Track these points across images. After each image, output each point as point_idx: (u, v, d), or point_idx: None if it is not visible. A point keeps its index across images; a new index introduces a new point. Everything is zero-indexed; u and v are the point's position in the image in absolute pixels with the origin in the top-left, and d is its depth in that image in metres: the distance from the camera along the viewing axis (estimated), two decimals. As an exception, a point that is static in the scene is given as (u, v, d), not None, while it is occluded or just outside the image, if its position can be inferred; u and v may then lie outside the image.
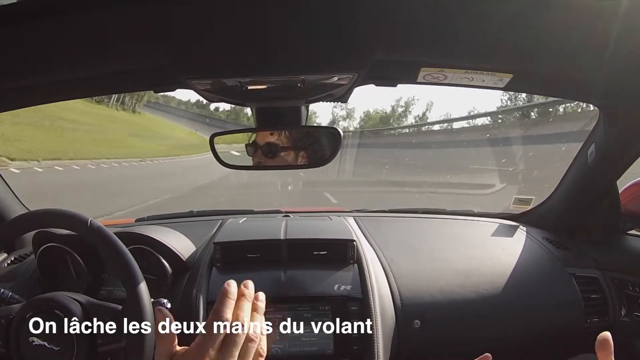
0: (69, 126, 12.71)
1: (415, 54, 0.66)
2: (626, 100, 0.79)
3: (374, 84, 0.76)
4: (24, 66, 0.63)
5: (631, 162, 0.91)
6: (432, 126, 14.40)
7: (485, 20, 0.55)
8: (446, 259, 1.03)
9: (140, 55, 0.63)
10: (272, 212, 1.35)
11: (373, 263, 0.97)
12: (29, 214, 0.80)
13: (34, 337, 0.63)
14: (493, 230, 1.18)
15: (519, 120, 12.13)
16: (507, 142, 10.73)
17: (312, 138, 0.84)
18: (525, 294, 0.97)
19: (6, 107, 0.84)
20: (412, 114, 28.39)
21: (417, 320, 0.90)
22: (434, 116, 30.07)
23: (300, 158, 0.84)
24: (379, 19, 0.54)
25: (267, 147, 0.83)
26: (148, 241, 0.93)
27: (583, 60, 0.64)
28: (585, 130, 0.99)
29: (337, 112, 28.66)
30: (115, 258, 0.66)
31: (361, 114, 28.19)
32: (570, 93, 0.87)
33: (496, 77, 0.71)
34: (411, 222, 1.27)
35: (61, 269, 0.95)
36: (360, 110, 29.03)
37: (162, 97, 25.90)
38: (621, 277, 0.98)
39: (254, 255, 0.96)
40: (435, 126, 14.20)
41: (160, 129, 20.99)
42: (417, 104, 40.08)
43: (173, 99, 33.55)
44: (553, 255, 1.06)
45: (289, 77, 0.66)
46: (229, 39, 0.56)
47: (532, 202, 1.31)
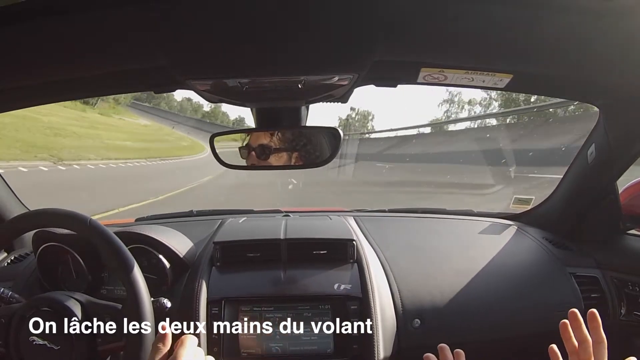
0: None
1: (415, 54, 0.66)
2: (626, 101, 0.79)
3: (374, 85, 0.76)
4: (24, 66, 0.63)
5: (631, 162, 0.91)
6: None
7: (486, 20, 0.55)
8: (446, 259, 1.03)
9: (140, 55, 0.63)
10: (272, 212, 1.35)
11: (373, 263, 0.97)
12: (28, 213, 0.80)
13: (34, 337, 0.64)
14: (493, 230, 1.18)
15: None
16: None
17: (305, 139, 0.83)
18: (525, 294, 0.97)
19: (6, 107, 0.84)
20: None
21: (417, 319, 0.90)
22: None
23: (294, 159, 0.84)
24: (379, 20, 0.54)
25: (260, 149, 0.83)
26: (148, 241, 0.93)
27: (583, 60, 0.64)
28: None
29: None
30: (115, 257, 0.66)
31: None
32: (570, 93, 0.87)
33: (496, 78, 0.71)
34: (411, 222, 1.27)
35: (61, 268, 0.95)
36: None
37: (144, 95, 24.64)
38: (621, 276, 0.98)
39: (253, 255, 0.96)
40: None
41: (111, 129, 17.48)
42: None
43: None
44: (553, 255, 1.06)
45: (288, 77, 0.66)
46: (229, 39, 0.56)
47: (532, 202, 1.31)
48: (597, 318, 0.56)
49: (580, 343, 0.56)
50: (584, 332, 0.56)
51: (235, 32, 0.54)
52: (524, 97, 12.57)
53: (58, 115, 13.95)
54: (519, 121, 11.87)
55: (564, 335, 0.58)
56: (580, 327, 0.57)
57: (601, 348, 0.55)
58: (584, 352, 0.56)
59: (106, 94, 0.92)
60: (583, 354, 0.56)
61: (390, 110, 48.46)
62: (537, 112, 10.88)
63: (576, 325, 0.57)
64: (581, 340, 0.56)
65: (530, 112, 11.31)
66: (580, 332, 0.57)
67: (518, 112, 12.09)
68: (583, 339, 0.56)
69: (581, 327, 0.57)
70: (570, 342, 0.58)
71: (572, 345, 0.57)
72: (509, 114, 12.19)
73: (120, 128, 18.43)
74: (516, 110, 12.27)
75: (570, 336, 0.58)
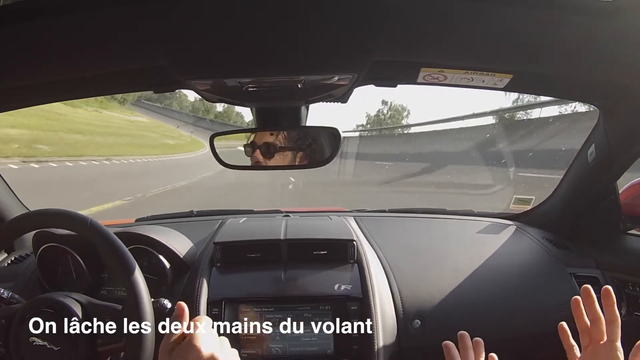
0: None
1: (415, 54, 0.66)
2: (626, 101, 0.79)
3: (374, 85, 0.76)
4: (24, 66, 0.63)
5: (631, 162, 0.91)
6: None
7: (485, 20, 0.55)
8: (446, 259, 1.03)
9: (140, 55, 0.63)
10: (272, 212, 1.35)
11: (373, 263, 0.97)
12: (28, 214, 0.80)
13: (34, 337, 0.63)
14: (493, 230, 1.18)
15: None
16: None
17: (310, 138, 0.83)
18: (526, 294, 0.97)
19: (6, 107, 0.84)
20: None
21: (417, 320, 0.90)
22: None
23: (298, 158, 0.84)
24: (378, 20, 0.54)
25: (265, 147, 0.83)
26: (148, 241, 0.93)
27: (583, 60, 0.64)
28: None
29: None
30: (115, 258, 0.66)
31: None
32: (570, 93, 0.87)
33: (496, 78, 0.71)
34: (411, 222, 1.27)
35: (61, 269, 0.95)
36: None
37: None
38: (621, 276, 0.98)
39: (254, 255, 0.96)
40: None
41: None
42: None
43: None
44: (553, 255, 1.06)
45: (289, 77, 0.66)
46: (229, 39, 0.56)
47: (532, 202, 1.31)
48: (612, 295, 0.52)
49: (593, 322, 0.52)
50: (597, 310, 0.52)
51: (235, 32, 0.54)
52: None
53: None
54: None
55: (576, 313, 0.54)
56: (593, 305, 0.53)
57: (615, 327, 0.51)
58: (596, 331, 0.52)
59: (106, 94, 0.92)
60: (595, 333, 0.52)
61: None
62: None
63: (589, 303, 0.53)
64: (594, 319, 0.52)
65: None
66: (593, 309, 0.53)
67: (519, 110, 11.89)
68: (596, 318, 0.52)
69: (594, 305, 0.53)
70: (582, 320, 0.54)
71: (584, 323, 0.53)
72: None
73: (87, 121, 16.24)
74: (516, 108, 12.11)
75: (582, 313, 0.54)
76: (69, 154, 10.56)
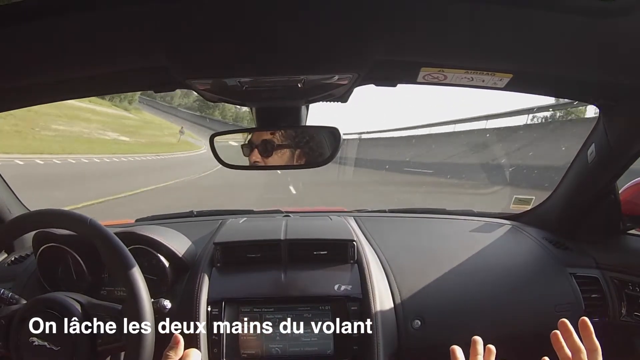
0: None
1: (415, 54, 0.66)
2: (626, 100, 0.79)
3: (374, 84, 0.76)
4: (24, 66, 0.63)
5: (631, 162, 0.91)
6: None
7: (485, 20, 0.55)
8: (446, 259, 1.03)
9: (140, 55, 0.63)
10: (272, 212, 1.35)
11: (373, 263, 0.97)
12: (28, 214, 0.80)
13: (34, 337, 0.63)
14: (493, 230, 1.18)
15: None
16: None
17: (308, 136, 0.83)
18: (526, 294, 0.97)
19: (6, 107, 0.84)
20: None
21: (417, 320, 0.90)
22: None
23: (297, 157, 0.84)
24: (378, 20, 0.54)
25: (263, 145, 0.83)
26: (148, 241, 0.93)
27: (583, 60, 0.64)
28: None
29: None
30: (115, 258, 0.66)
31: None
32: (570, 93, 0.87)
33: (496, 77, 0.71)
34: (411, 222, 1.27)
35: (61, 269, 0.95)
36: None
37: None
38: (621, 276, 0.98)
39: (254, 255, 0.96)
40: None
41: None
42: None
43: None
44: (553, 255, 1.06)
45: (289, 77, 0.66)
46: (229, 39, 0.56)
47: (532, 202, 1.31)
48: (589, 326, 0.55)
49: (574, 353, 0.55)
50: (577, 342, 0.55)
51: (235, 32, 0.54)
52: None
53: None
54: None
55: (556, 346, 0.57)
56: (571, 337, 0.55)
57: (596, 356, 0.53)
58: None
59: (107, 94, 0.92)
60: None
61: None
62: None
63: (567, 336, 0.56)
64: (574, 350, 0.55)
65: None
66: (572, 341, 0.55)
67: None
68: (576, 349, 0.54)
69: (572, 337, 0.55)
70: (563, 352, 0.56)
71: (565, 354, 0.56)
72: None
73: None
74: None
75: (562, 346, 0.56)
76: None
